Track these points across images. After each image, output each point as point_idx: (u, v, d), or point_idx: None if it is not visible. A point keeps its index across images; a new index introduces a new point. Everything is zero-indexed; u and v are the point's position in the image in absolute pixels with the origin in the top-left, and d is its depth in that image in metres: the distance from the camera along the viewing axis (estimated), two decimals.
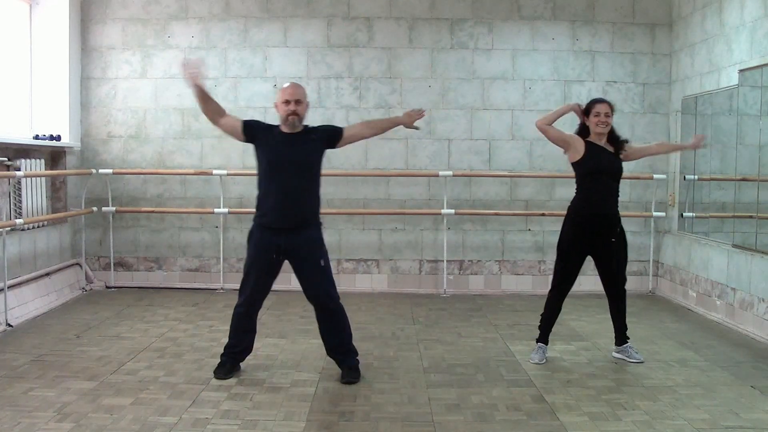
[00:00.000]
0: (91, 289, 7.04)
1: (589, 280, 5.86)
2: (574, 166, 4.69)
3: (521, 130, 7.20)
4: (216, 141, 7.14)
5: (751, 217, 5.68)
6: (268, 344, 5.08)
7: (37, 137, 6.50)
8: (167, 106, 7.21)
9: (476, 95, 7.20)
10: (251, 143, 4.34)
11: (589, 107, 4.67)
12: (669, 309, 6.49)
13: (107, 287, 7.14)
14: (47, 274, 6.44)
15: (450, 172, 7.03)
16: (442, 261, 7.17)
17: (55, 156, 6.82)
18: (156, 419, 3.63)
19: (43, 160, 6.45)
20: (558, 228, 4.70)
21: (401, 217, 7.23)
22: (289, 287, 5.80)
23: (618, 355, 4.81)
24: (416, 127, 4.63)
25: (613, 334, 4.86)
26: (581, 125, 4.71)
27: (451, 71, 7.20)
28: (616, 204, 4.69)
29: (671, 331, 5.65)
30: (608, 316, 4.90)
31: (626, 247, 4.77)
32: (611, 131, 4.66)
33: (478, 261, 7.29)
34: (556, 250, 4.76)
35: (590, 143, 4.63)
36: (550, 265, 7.19)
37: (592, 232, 4.62)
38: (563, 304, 4.81)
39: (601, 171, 4.60)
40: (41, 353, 4.78)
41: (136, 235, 7.30)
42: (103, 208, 7.10)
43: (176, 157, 7.23)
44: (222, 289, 7.12)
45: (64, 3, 6.80)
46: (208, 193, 7.23)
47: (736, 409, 3.87)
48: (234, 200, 7.22)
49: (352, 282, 7.21)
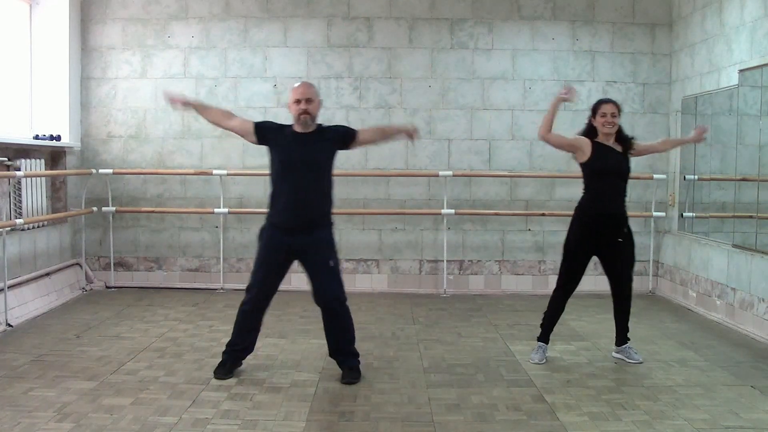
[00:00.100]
0: (91, 289, 7.04)
1: (589, 280, 5.82)
2: (581, 166, 4.68)
3: (521, 130, 7.20)
4: (216, 141, 7.14)
5: (751, 217, 5.68)
6: (268, 344, 5.07)
7: (37, 137, 6.50)
8: (167, 106, 7.15)
9: (476, 95, 7.20)
10: (264, 145, 4.33)
11: (595, 108, 4.66)
12: (669, 309, 6.49)
13: (107, 287, 7.14)
14: (47, 274, 6.44)
15: (450, 172, 7.03)
16: (442, 261, 7.17)
17: (55, 156, 6.82)
18: (156, 419, 3.63)
19: (43, 160, 6.45)
20: (558, 228, 4.71)
21: (401, 217, 7.23)
22: (289, 287, 5.80)
23: (617, 356, 4.80)
24: (411, 138, 4.52)
25: (614, 334, 4.86)
26: (588, 125, 4.69)
27: (451, 71, 7.20)
28: (624, 204, 4.68)
29: (671, 331, 5.65)
30: (608, 316, 4.90)
31: (633, 247, 4.75)
32: (619, 130, 4.65)
33: (478, 261, 7.30)
34: (563, 249, 4.74)
35: (597, 144, 4.62)
36: (550, 265, 7.22)
37: (599, 231, 4.61)
38: (567, 304, 4.80)
39: (608, 171, 4.60)
40: (41, 353, 4.78)
41: (136, 235, 7.30)
42: (103, 208, 7.10)
43: (176, 157, 7.23)
44: (222, 289, 7.13)
45: (64, 3, 6.80)
46: (208, 193, 7.23)
47: (736, 409, 3.87)
48: (234, 200, 7.22)
49: (352, 282, 7.19)
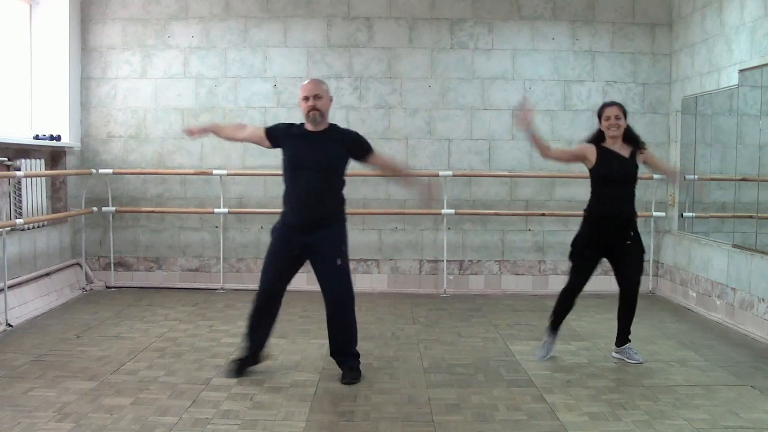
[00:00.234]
0: (91, 289, 7.03)
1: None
2: (589, 171, 4.73)
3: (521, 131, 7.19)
4: (216, 141, 7.10)
5: (751, 217, 5.68)
6: (268, 344, 5.06)
7: (37, 137, 6.50)
8: (167, 106, 7.21)
9: (476, 95, 7.20)
10: (278, 147, 4.34)
11: (600, 112, 4.70)
12: (669, 309, 6.49)
13: (107, 287, 7.14)
14: (47, 274, 6.44)
15: (450, 172, 7.02)
16: (442, 261, 7.17)
17: (55, 156, 6.82)
18: (156, 419, 3.62)
19: (43, 160, 6.45)
20: (558, 228, 4.73)
21: (401, 217, 7.23)
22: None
23: (617, 356, 4.80)
24: (428, 198, 4.64)
25: (614, 334, 4.86)
26: (598, 130, 4.71)
27: (451, 71, 7.20)
28: (631, 207, 4.67)
29: (671, 331, 5.65)
30: (608, 316, 4.91)
31: (642, 251, 4.76)
32: (628, 131, 4.66)
33: (478, 261, 7.29)
34: (570, 247, 4.78)
35: (603, 149, 4.65)
36: (550, 265, 7.22)
37: (607, 233, 4.62)
38: (575, 303, 4.84)
39: (613, 178, 4.62)
40: (41, 353, 4.78)
41: (136, 235, 7.30)
42: (103, 208, 7.10)
43: (176, 157, 7.23)
44: (222, 289, 7.13)
45: (64, 3, 6.80)
46: (208, 193, 7.23)
47: (736, 409, 3.87)
48: (234, 200, 7.22)
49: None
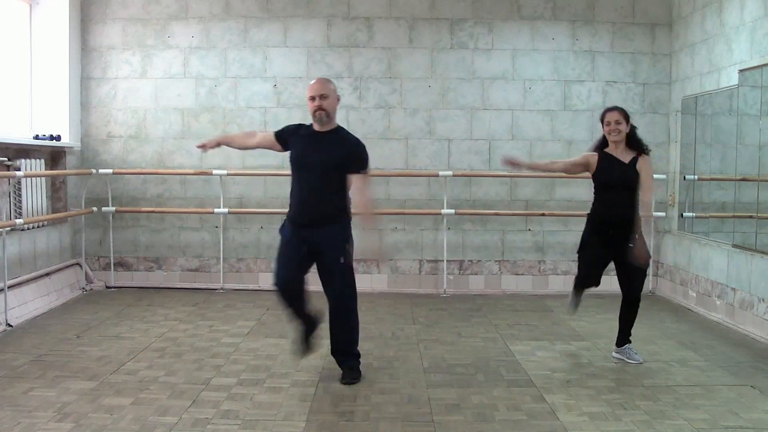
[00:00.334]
0: (91, 289, 7.03)
1: None
2: (591, 177, 4.79)
3: (521, 130, 7.20)
4: None
5: (751, 217, 5.68)
6: (268, 344, 5.07)
7: (37, 137, 6.50)
8: (167, 106, 7.21)
9: (476, 95, 7.20)
10: (288, 150, 4.36)
11: (601, 117, 4.74)
12: (669, 309, 6.49)
13: (107, 287, 7.14)
14: (47, 274, 6.44)
15: (450, 172, 7.03)
16: (442, 261, 7.17)
17: (55, 156, 6.82)
18: (156, 419, 3.63)
19: (43, 160, 6.45)
20: (558, 228, 4.76)
21: (401, 217, 7.23)
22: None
23: (618, 356, 4.80)
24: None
25: (614, 334, 4.87)
26: (602, 136, 4.75)
27: (451, 71, 7.20)
28: (632, 211, 4.63)
29: (671, 331, 5.65)
30: (608, 316, 4.91)
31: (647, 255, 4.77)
32: (631, 135, 4.68)
33: (478, 261, 7.29)
34: (577, 253, 4.89)
35: (605, 155, 4.70)
36: (550, 265, 7.22)
37: (608, 235, 4.65)
38: (581, 299, 4.99)
39: (612, 183, 4.65)
40: (41, 353, 4.78)
41: (136, 235, 7.30)
42: (103, 208, 7.10)
43: (176, 157, 7.23)
44: (222, 289, 7.13)
45: (64, 3, 6.80)
46: (208, 193, 7.23)
47: (736, 409, 3.87)
48: (234, 200, 7.22)
49: None
